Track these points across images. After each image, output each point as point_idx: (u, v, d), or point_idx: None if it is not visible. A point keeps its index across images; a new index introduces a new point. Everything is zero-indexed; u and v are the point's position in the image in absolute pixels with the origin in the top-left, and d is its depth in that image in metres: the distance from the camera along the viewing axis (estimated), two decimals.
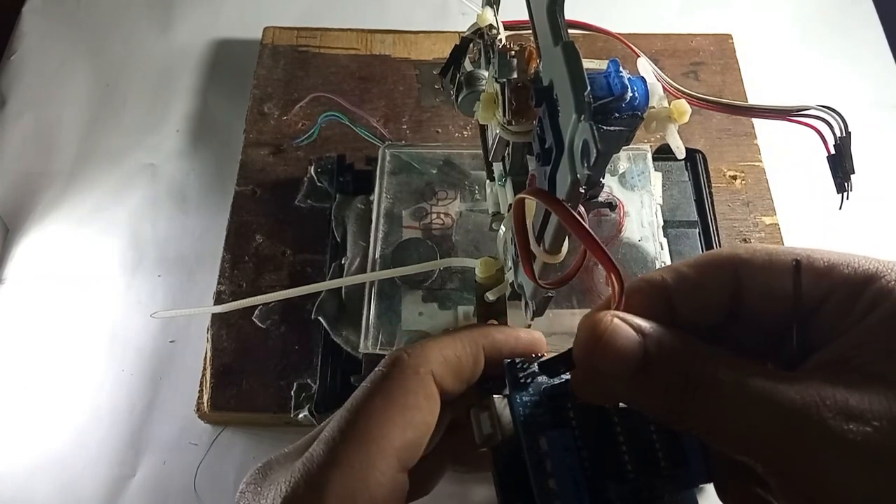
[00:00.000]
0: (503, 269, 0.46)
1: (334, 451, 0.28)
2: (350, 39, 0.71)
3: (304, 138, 0.64)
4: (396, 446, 0.28)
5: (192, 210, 0.65)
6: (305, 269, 0.59)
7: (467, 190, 0.57)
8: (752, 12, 0.78)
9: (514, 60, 0.36)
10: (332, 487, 0.26)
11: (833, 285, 0.26)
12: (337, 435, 0.28)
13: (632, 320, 0.26)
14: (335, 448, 0.28)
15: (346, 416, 0.29)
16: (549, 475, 0.27)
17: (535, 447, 0.28)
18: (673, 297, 0.28)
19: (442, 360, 0.30)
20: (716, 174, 0.64)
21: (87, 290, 0.61)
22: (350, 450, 0.28)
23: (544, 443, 0.27)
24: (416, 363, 0.30)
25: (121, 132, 0.69)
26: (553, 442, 0.27)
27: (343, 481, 0.27)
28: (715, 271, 0.28)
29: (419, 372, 0.29)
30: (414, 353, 0.30)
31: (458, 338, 0.31)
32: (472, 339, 0.31)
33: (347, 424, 0.29)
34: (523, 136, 0.36)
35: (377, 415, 0.28)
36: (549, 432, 0.28)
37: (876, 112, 0.71)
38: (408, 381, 0.29)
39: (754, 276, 0.27)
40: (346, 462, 0.27)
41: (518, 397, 0.29)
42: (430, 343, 0.31)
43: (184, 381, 0.56)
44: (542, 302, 0.38)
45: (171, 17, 0.77)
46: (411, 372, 0.29)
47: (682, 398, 0.25)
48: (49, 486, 0.53)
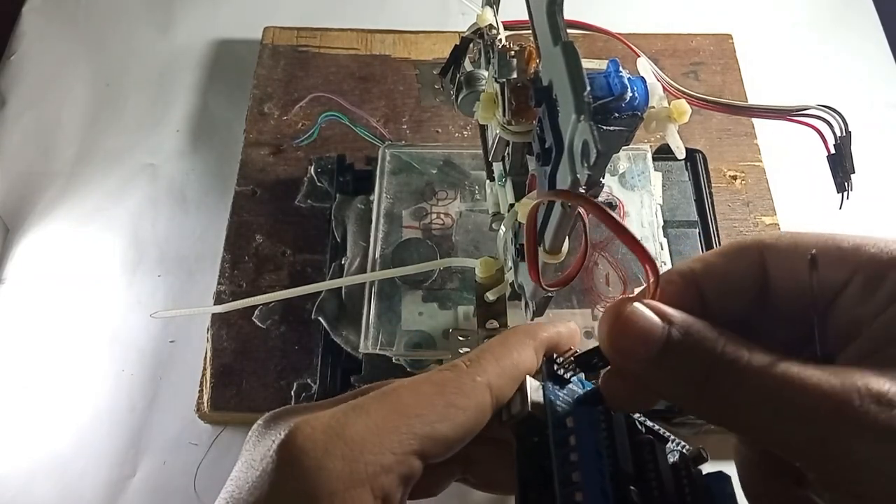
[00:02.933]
0: (503, 269, 0.46)
1: (362, 406, 0.27)
2: (350, 39, 0.71)
3: (304, 138, 0.64)
4: (426, 431, 0.27)
5: (192, 210, 0.65)
6: (305, 269, 0.59)
7: (467, 190, 0.57)
8: (752, 12, 0.78)
9: (514, 60, 0.36)
10: (349, 431, 0.26)
11: (858, 265, 0.26)
12: (372, 396, 0.28)
13: (659, 307, 0.26)
14: (364, 404, 0.27)
15: (387, 388, 0.28)
16: (571, 449, 0.26)
17: (561, 424, 0.27)
18: (702, 285, 0.28)
19: (500, 372, 0.29)
20: (716, 174, 0.64)
21: (87, 290, 0.61)
22: (379, 409, 0.27)
23: (571, 420, 0.27)
24: (475, 372, 0.29)
25: (121, 132, 0.69)
26: (580, 419, 0.27)
27: (357, 430, 0.26)
28: (740, 257, 0.28)
29: (476, 380, 0.28)
30: (472, 364, 0.29)
31: (510, 345, 0.31)
32: (524, 343, 0.31)
33: (386, 392, 0.28)
34: (523, 136, 0.36)
35: (421, 396, 0.27)
36: (577, 409, 0.28)
37: (876, 112, 0.71)
38: (464, 384, 0.28)
39: (779, 262, 0.27)
40: (371, 417, 0.26)
41: (552, 387, 0.29)
42: (486, 354, 0.30)
43: (184, 381, 0.56)
44: (542, 302, 0.38)
45: (171, 17, 0.77)
46: (469, 378, 0.28)
47: (706, 383, 0.25)
48: (49, 486, 0.53)
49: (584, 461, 0.26)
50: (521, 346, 0.30)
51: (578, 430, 0.27)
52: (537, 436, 0.28)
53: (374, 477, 0.25)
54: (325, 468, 0.25)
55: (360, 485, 0.25)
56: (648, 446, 0.27)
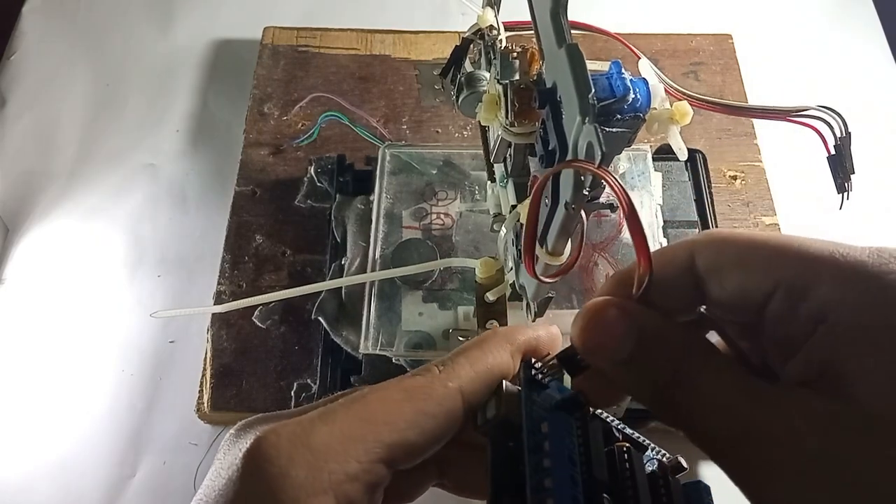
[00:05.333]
0: (503, 269, 0.46)
1: (329, 414, 0.27)
2: (350, 39, 0.71)
3: (304, 138, 0.64)
4: (393, 439, 0.27)
5: (192, 210, 0.65)
6: (305, 269, 0.59)
7: (467, 190, 0.57)
8: (752, 12, 0.78)
9: (517, 62, 0.36)
10: (313, 439, 0.26)
11: (780, 276, 0.24)
12: (341, 402, 0.27)
13: (632, 310, 0.26)
14: (332, 411, 0.27)
15: (356, 394, 0.28)
16: (545, 455, 0.26)
17: (536, 430, 0.27)
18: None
19: (473, 376, 0.29)
20: (716, 174, 0.64)
21: (87, 290, 0.61)
22: (346, 417, 0.27)
23: (546, 426, 0.27)
24: (447, 377, 0.29)
25: (121, 132, 0.69)
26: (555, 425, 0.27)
27: (322, 438, 0.26)
28: (671, 262, 0.27)
29: (447, 386, 0.28)
30: (446, 368, 0.29)
31: (486, 348, 0.30)
32: (501, 346, 0.30)
33: (355, 399, 0.27)
34: (526, 137, 0.36)
35: (389, 403, 0.27)
36: (552, 415, 0.27)
37: (876, 112, 0.71)
38: (434, 390, 0.28)
39: (708, 265, 0.26)
40: (337, 425, 0.26)
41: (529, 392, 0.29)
42: (460, 358, 0.29)
43: (184, 381, 0.56)
44: (542, 303, 0.38)
45: (171, 17, 0.77)
46: (439, 384, 0.28)
47: (664, 393, 0.25)
48: (49, 486, 0.53)
49: (557, 468, 0.25)
50: (498, 349, 0.30)
51: (552, 435, 0.26)
52: (512, 440, 0.27)
53: (338, 485, 0.25)
54: (289, 476, 0.25)
55: (322, 493, 0.25)
56: (625, 454, 0.27)
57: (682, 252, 0.27)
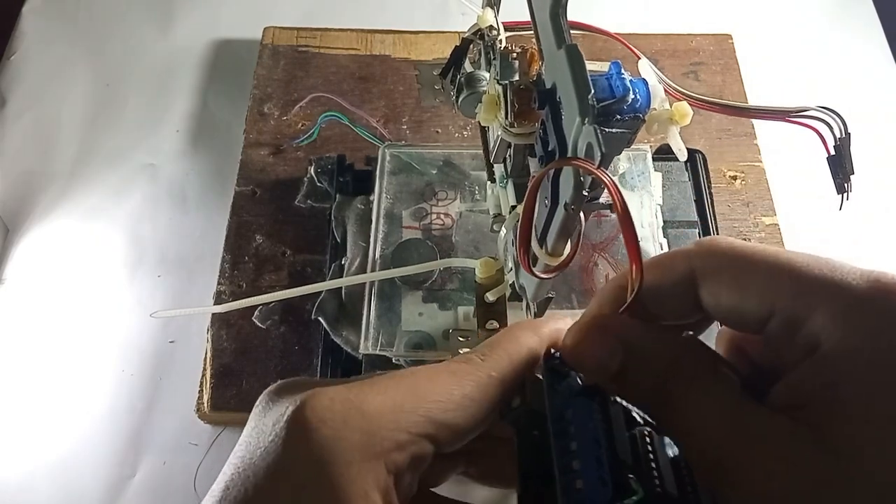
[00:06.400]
0: (503, 269, 0.46)
1: (379, 383, 0.27)
2: (350, 39, 0.71)
3: (304, 138, 0.64)
4: (441, 417, 0.27)
5: (192, 210, 0.65)
6: (305, 269, 0.59)
7: (467, 190, 0.57)
8: (752, 12, 0.78)
9: (516, 62, 0.36)
10: (367, 405, 0.25)
11: (776, 302, 0.24)
12: (388, 375, 0.27)
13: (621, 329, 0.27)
14: (381, 382, 0.27)
15: (404, 370, 0.28)
16: (571, 438, 0.27)
17: (560, 417, 0.28)
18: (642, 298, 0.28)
19: (512, 368, 0.29)
20: (716, 174, 0.64)
21: (87, 291, 0.61)
22: (397, 388, 0.27)
23: (570, 413, 0.27)
24: (490, 367, 0.29)
25: (121, 132, 0.69)
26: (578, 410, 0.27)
27: (375, 404, 0.26)
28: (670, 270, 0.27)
29: (491, 375, 0.28)
30: (487, 358, 0.29)
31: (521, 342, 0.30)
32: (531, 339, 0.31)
33: (403, 374, 0.28)
34: (525, 138, 0.36)
35: (439, 383, 0.27)
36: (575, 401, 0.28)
37: (876, 112, 0.71)
38: (480, 378, 0.28)
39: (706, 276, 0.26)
40: (389, 394, 0.26)
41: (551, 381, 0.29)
42: (499, 349, 0.30)
43: (184, 381, 0.56)
44: (542, 303, 0.38)
45: (171, 17, 0.77)
46: (484, 373, 0.28)
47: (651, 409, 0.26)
48: (49, 486, 0.53)
49: (583, 450, 0.26)
50: (531, 341, 0.31)
51: (576, 420, 0.27)
52: (537, 429, 0.28)
53: (388, 453, 0.25)
54: (344, 438, 0.25)
55: (374, 458, 0.25)
56: (647, 437, 0.27)
57: (681, 262, 0.27)
